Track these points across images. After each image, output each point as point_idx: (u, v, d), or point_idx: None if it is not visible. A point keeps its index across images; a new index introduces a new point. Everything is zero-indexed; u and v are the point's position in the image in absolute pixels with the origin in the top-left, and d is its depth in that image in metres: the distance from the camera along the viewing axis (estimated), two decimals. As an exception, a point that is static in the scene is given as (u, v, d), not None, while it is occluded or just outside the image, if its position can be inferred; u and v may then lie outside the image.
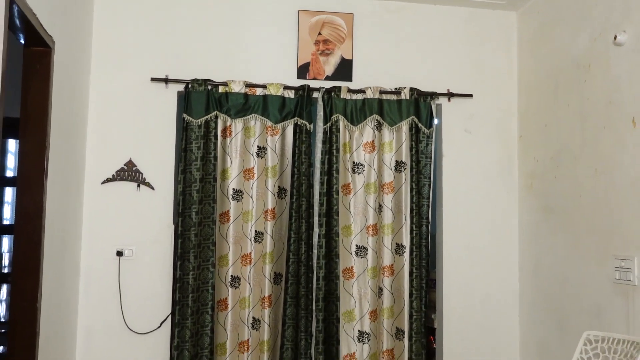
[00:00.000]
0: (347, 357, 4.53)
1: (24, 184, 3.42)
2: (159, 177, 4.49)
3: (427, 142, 4.71)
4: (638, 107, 3.51)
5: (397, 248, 4.64)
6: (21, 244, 3.39)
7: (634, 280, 3.47)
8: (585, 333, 3.65)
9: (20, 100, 3.44)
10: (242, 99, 4.53)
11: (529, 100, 4.80)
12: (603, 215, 3.79)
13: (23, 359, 3.33)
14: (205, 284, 4.38)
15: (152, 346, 4.38)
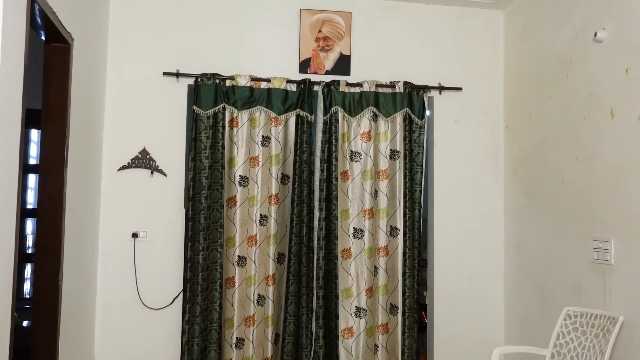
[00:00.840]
0: (345, 331, 4.55)
1: (46, 171, 3.42)
2: (170, 164, 4.49)
3: (420, 132, 4.70)
4: (616, 99, 3.50)
5: (391, 230, 4.65)
6: (43, 227, 3.39)
7: (611, 260, 3.47)
8: (566, 309, 3.66)
9: (41, 93, 3.44)
10: (248, 92, 4.52)
11: (514, 93, 4.78)
12: (582, 200, 3.79)
13: (46, 332, 3.35)
14: (214, 264, 4.39)
15: (165, 321, 4.40)
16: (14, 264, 2.61)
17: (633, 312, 3.28)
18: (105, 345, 4.32)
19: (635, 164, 3.31)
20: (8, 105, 2.50)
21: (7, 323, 2.56)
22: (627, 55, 3.42)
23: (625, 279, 3.37)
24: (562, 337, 3.60)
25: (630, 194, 3.34)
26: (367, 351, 4.57)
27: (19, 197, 2.67)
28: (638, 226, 3.27)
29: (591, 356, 3.38)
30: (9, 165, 2.53)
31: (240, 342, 4.43)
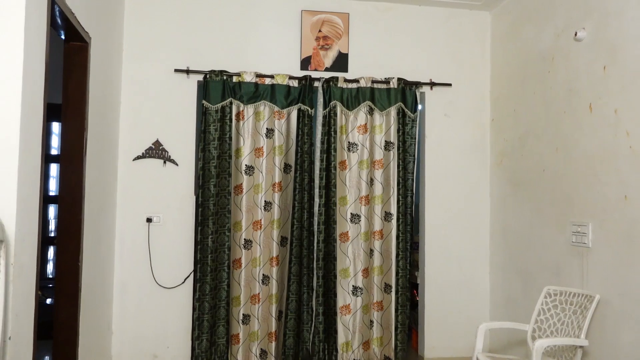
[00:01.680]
0: (343, 308, 4.56)
1: (66, 160, 3.42)
2: (182, 154, 4.48)
3: (412, 124, 4.70)
4: (594, 94, 3.49)
5: (385, 216, 4.65)
6: (65, 212, 3.40)
7: (588, 243, 3.48)
8: (546, 288, 3.68)
9: (62, 88, 3.43)
10: (253, 87, 4.51)
11: (500, 88, 4.77)
12: (562, 187, 3.79)
13: (68, 309, 3.36)
14: (222, 246, 4.40)
15: (177, 298, 4.41)
16: (37, 246, 2.62)
17: (608, 291, 3.29)
18: (123, 320, 4.34)
19: (612, 155, 3.31)
20: (31, 100, 2.50)
21: (32, 300, 2.57)
22: (605, 53, 3.41)
23: (601, 261, 3.38)
24: (542, 314, 3.61)
25: (607, 182, 3.34)
26: (363, 326, 4.59)
27: (42, 185, 2.67)
28: (613, 212, 3.28)
29: (569, 331, 3.39)
30: (32, 155, 2.53)
31: (246, 318, 4.44)
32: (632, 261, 3.12)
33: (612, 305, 3.25)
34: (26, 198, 2.46)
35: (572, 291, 3.50)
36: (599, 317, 3.32)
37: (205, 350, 4.32)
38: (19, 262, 2.38)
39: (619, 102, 3.27)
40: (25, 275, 2.46)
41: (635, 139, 3.13)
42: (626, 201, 3.18)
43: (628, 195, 3.17)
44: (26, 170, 2.46)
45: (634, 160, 3.13)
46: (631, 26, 3.20)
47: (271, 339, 4.46)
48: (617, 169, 3.27)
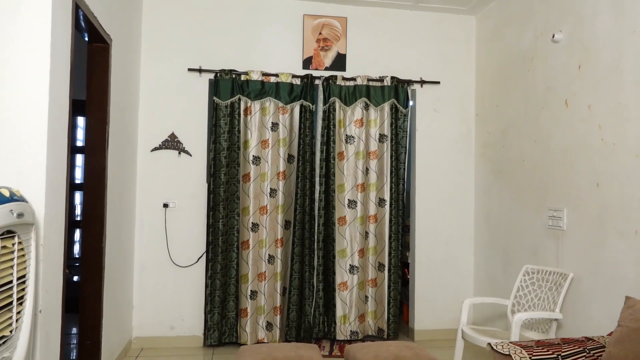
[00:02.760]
0: (341, 285, 4.58)
1: (90, 151, 3.42)
2: (195, 146, 4.47)
3: (404, 119, 4.68)
4: (570, 91, 3.47)
5: (379, 201, 4.65)
6: (89, 198, 3.40)
7: (563, 226, 3.48)
8: (525, 266, 3.69)
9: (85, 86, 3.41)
10: (260, 85, 4.49)
11: (484, 86, 4.75)
12: (540, 176, 3.79)
13: (93, 286, 3.37)
14: (232, 229, 4.40)
15: (191, 276, 4.43)
16: (64, 229, 2.62)
17: (581, 269, 3.30)
18: (142, 296, 4.36)
19: (585, 146, 3.30)
20: (57, 96, 2.49)
21: (60, 278, 2.58)
22: (579, 54, 3.39)
23: (574, 242, 3.38)
24: (521, 290, 3.62)
25: (580, 171, 3.34)
26: (359, 301, 4.60)
27: (68, 173, 2.67)
28: (586, 198, 3.28)
29: (545, 305, 3.40)
30: (59, 146, 2.53)
31: (254, 294, 4.46)
32: (602, 243, 3.12)
33: (584, 282, 3.26)
34: (54, 185, 2.46)
35: (548, 270, 3.51)
36: (572, 293, 3.33)
37: (217, 322, 4.34)
38: (48, 243, 2.39)
39: (592, 99, 3.25)
40: (53, 255, 2.47)
41: (607, 132, 3.12)
42: (598, 189, 3.17)
43: (599, 183, 3.16)
44: (53, 160, 2.45)
45: (605, 151, 3.13)
46: (603, 29, 3.18)
47: (276, 313, 4.48)
48: (589, 159, 3.26)
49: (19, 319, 2.02)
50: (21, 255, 2.05)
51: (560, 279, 3.37)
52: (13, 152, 2.32)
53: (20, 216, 1.99)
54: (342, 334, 4.54)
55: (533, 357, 2.47)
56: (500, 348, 2.55)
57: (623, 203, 2.97)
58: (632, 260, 2.89)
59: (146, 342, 4.33)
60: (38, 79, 2.36)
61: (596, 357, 2.53)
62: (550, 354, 2.50)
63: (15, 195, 2.06)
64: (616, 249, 3.01)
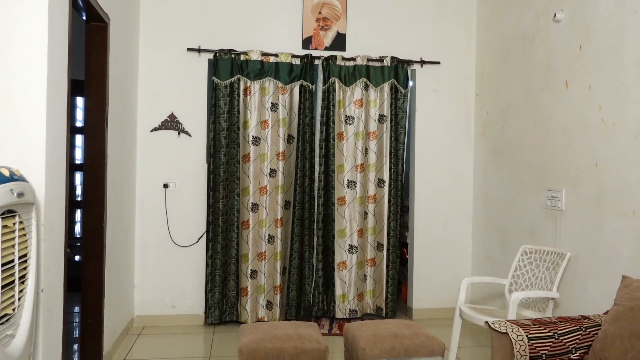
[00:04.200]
0: (340, 264, 4.60)
1: (90, 131, 3.40)
2: (194, 126, 4.45)
3: (404, 99, 4.65)
4: (570, 72, 3.44)
5: (379, 182, 4.65)
6: (90, 178, 3.39)
7: (561, 207, 3.48)
8: (522, 246, 3.70)
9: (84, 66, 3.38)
10: (259, 65, 4.45)
11: (484, 66, 4.71)
12: (539, 156, 3.78)
13: (94, 265, 3.38)
14: (232, 209, 4.41)
15: (192, 256, 4.44)
16: (65, 208, 2.62)
17: (578, 249, 3.31)
18: (144, 275, 4.38)
19: (585, 127, 3.29)
20: (56, 76, 2.47)
21: (62, 257, 2.59)
22: (581, 34, 3.35)
23: (572, 222, 3.39)
24: (518, 270, 3.64)
25: (579, 152, 3.33)
26: (357, 280, 4.63)
27: (68, 154, 2.66)
28: (585, 179, 3.27)
29: (542, 285, 3.42)
30: (58, 126, 2.51)
31: (254, 273, 4.48)
32: (600, 223, 3.12)
33: (581, 261, 3.27)
34: (54, 165, 2.45)
35: (545, 249, 3.52)
36: (569, 273, 3.35)
37: (218, 301, 4.38)
38: (49, 222, 2.39)
39: (593, 79, 3.23)
40: (54, 234, 2.47)
41: (607, 113, 3.10)
42: (596, 169, 3.17)
43: (598, 163, 3.15)
44: (53, 140, 2.44)
45: (604, 132, 3.11)
46: (605, 9, 3.14)
47: (276, 292, 4.51)
48: (589, 140, 3.24)
49: (21, 297, 2.03)
50: (22, 235, 2.05)
51: (557, 259, 3.38)
52: (12, 132, 2.31)
53: (20, 195, 1.99)
54: (341, 313, 4.58)
55: (530, 335, 2.49)
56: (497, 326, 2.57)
57: (621, 183, 2.97)
58: (630, 240, 2.89)
59: (148, 321, 4.37)
60: (36, 58, 2.33)
61: (592, 335, 2.56)
62: (547, 332, 2.52)
63: (15, 174, 2.05)
64: (614, 229, 3.02)
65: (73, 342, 3.88)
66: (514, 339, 2.47)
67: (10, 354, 1.91)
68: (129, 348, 3.85)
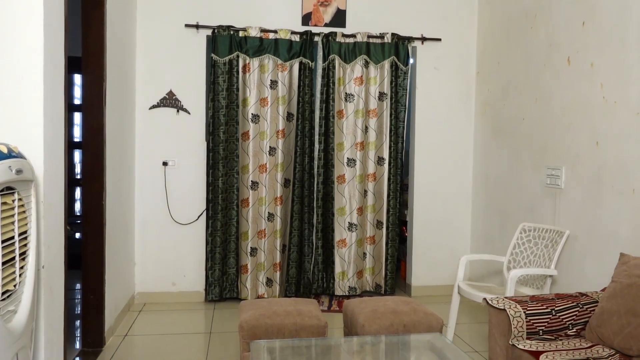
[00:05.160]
0: (340, 242, 4.62)
1: (88, 109, 3.38)
2: (193, 104, 4.43)
3: (404, 77, 4.62)
4: (572, 49, 3.41)
5: (378, 160, 4.64)
6: (88, 156, 3.38)
7: (561, 185, 3.49)
8: (521, 224, 3.71)
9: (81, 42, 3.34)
10: (258, 41, 4.40)
11: (485, 43, 4.66)
12: (540, 135, 3.77)
13: (95, 243, 3.40)
14: (231, 187, 4.41)
15: (192, 233, 4.46)
16: (64, 186, 2.62)
17: (576, 227, 3.32)
18: (144, 253, 4.40)
19: (585, 105, 3.27)
20: (52, 52, 2.44)
21: (62, 234, 2.60)
22: (584, 10, 3.31)
23: (571, 200, 3.39)
24: (517, 247, 3.66)
25: (580, 130, 3.32)
26: (357, 258, 4.66)
27: (66, 131, 2.65)
28: (585, 157, 3.26)
29: (541, 262, 3.44)
30: (56, 103, 2.50)
31: (254, 251, 4.50)
32: (599, 201, 3.13)
33: (580, 239, 3.28)
34: (52, 142, 2.44)
35: (544, 227, 3.53)
36: (568, 250, 3.37)
37: (218, 278, 4.41)
38: (48, 200, 2.39)
39: (595, 56, 3.19)
40: (54, 211, 2.47)
41: (609, 91, 3.08)
42: (597, 147, 3.16)
43: (599, 141, 3.14)
44: (51, 117, 2.42)
45: (606, 110, 3.09)
46: (610, -16, 3.09)
47: (276, 269, 4.54)
48: (590, 118, 3.23)
49: (22, 274, 2.04)
50: (22, 212, 2.05)
51: (556, 237, 3.39)
52: (10, 109, 2.29)
53: (19, 172, 1.98)
54: (341, 290, 4.62)
55: (527, 312, 2.51)
56: (495, 303, 2.59)
57: (621, 162, 2.96)
58: (628, 218, 2.90)
59: (149, 297, 4.40)
60: (32, 34, 2.30)
61: (589, 311, 2.58)
62: (544, 308, 2.54)
63: (13, 151, 2.04)
64: (613, 207, 3.02)
65: (75, 318, 3.92)
66: (512, 315, 2.49)
67: (13, 329, 1.93)
68: (130, 324, 3.89)
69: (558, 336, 2.52)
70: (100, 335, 3.40)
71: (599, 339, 2.42)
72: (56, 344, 2.54)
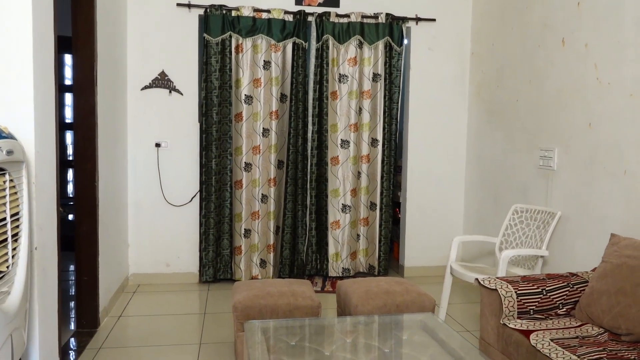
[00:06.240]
0: (334, 223, 4.64)
1: (79, 89, 3.34)
2: (186, 85, 4.39)
3: (398, 58, 4.59)
4: (567, 30, 3.40)
5: (372, 141, 4.63)
6: (80, 137, 3.35)
7: (553, 166, 3.50)
8: (514, 205, 3.73)
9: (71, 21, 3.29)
10: (251, 21, 4.35)
11: (480, 24, 4.63)
12: (533, 116, 3.77)
13: (88, 224, 3.39)
14: (225, 169, 4.40)
15: (185, 215, 4.46)
16: (56, 167, 2.60)
17: (568, 208, 3.34)
18: (138, 235, 4.40)
19: (580, 86, 3.26)
20: (41, 32, 2.40)
21: (54, 215, 2.59)
22: (579, -10, 3.29)
23: (564, 181, 3.41)
24: (509, 229, 3.68)
25: (574, 111, 3.32)
26: (350, 239, 4.68)
27: (57, 112, 2.62)
28: (578, 138, 3.27)
29: (532, 243, 3.47)
30: (46, 83, 2.47)
31: (247, 232, 4.51)
32: (591, 182, 3.15)
33: (571, 220, 3.31)
34: (43, 123, 2.42)
35: (536, 208, 3.56)
36: (559, 231, 3.40)
37: (212, 259, 4.42)
38: (40, 181, 2.37)
39: (590, 37, 3.18)
40: (46, 192, 2.46)
41: (603, 72, 3.07)
42: (590, 129, 3.17)
43: (592, 123, 3.15)
44: (41, 98, 2.40)
45: (600, 91, 3.09)
46: (606, -37, 3.06)
47: (270, 250, 4.55)
48: (584, 99, 3.23)
49: (14, 255, 2.03)
50: (13, 193, 2.04)
51: (548, 218, 3.42)
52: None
53: (9, 153, 1.97)
54: (334, 271, 4.65)
55: (519, 292, 2.54)
56: (487, 283, 2.62)
57: (614, 143, 2.97)
58: (620, 200, 2.92)
59: (143, 279, 4.41)
60: (20, 13, 2.26)
61: (579, 291, 2.61)
62: (535, 288, 2.57)
63: (4, 132, 2.02)
64: (604, 188, 3.04)
65: (69, 300, 3.93)
66: (503, 295, 2.52)
67: (6, 310, 1.93)
68: (124, 305, 3.90)
69: (548, 315, 2.56)
70: (95, 316, 3.41)
71: (588, 318, 2.46)
72: (50, 325, 2.55)
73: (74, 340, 3.24)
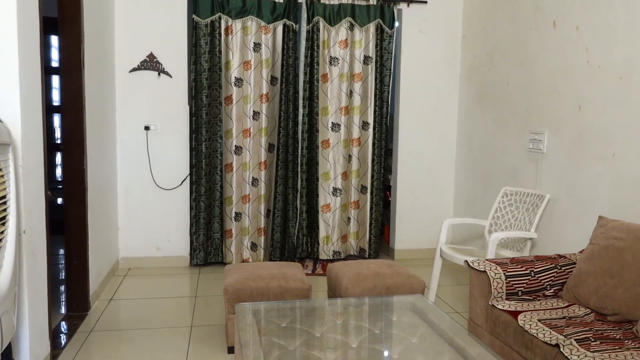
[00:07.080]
0: (324, 207, 4.64)
1: (66, 72, 3.29)
2: (175, 67, 4.34)
3: (390, 40, 4.56)
4: (558, 12, 3.39)
5: (363, 125, 4.62)
6: (68, 120, 3.32)
7: (543, 149, 3.52)
8: (504, 188, 3.75)
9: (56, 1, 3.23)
10: (241, 2, 4.29)
11: (471, 6, 4.60)
12: (524, 99, 3.77)
13: (77, 208, 3.37)
14: (215, 152, 4.37)
15: (176, 199, 4.44)
16: (43, 150, 2.57)
17: (557, 191, 3.37)
18: (128, 219, 4.38)
19: (570, 69, 3.27)
20: (27, 12, 2.36)
21: (42, 199, 2.57)
22: (571, -28, 3.27)
23: (553, 164, 3.43)
24: (499, 211, 3.71)
25: (564, 94, 3.33)
26: (341, 222, 4.69)
27: (44, 94, 2.58)
28: (568, 121, 3.29)
29: (521, 225, 3.50)
30: (32, 65, 2.43)
31: (238, 216, 4.51)
32: (581, 165, 3.17)
33: (560, 203, 3.34)
34: (29, 105, 2.39)
35: (526, 191, 3.58)
36: (548, 214, 3.43)
37: (202, 243, 4.42)
38: (27, 164, 2.35)
39: (581, 19, 3.18)
40: (33, 176, 2.44)
41: (593, 55, 3.08)
42: (580, 112, 3.18)
43: (582, 106, 3.16)
44: (27, 80, 2.36)
45: (590, 74, 3.10)
46: (598, -55, 3.05)
47: (260, 234, 4.56)
48: (574, 82, 3.24)
49: (2, 238, 2.02)
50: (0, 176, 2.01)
51: (537, 200, 3.44)
52: (-17, 70, 2.22)
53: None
54: (325, 254, 4.67)
55: (507, 273, 2.57)
56: (476, 265, 2.64)
57: (603, 126, 2.99)
58: (608, 182, 2.95)
59: (133, 262, 4.41)
60: (4, -9, 2.22)
61: (567, 273, 2.65)
62: (523, 270, 2.60)
63: (-11, 114, 1.99)
64: (593, 171, 3.06)
65: (60, 283, 3.92)
66: (492, 277, 2.55)
67: (-5, 294, 1.92)
68: (115, 288, 3.90)
69: (536, 297, 2.59)
70: (85, 299, 3.41)
71: (575, 299, 2.49)
72: (40, 308, 2.54)
73: (65, 323, 3.24)
